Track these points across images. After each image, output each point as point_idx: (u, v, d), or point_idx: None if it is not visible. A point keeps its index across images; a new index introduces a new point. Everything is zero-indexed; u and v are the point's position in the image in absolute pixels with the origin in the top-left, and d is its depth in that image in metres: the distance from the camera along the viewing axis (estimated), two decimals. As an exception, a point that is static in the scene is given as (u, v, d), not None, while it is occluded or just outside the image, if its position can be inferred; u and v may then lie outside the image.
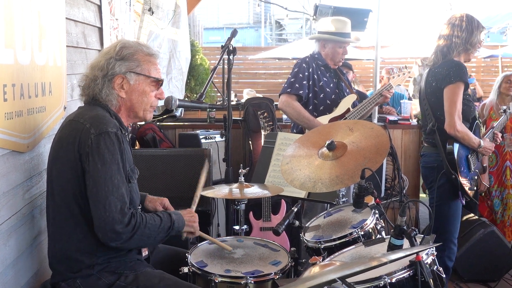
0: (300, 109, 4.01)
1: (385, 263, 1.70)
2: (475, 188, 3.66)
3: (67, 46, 2.90)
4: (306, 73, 4.08)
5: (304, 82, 4.06)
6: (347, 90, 4.27)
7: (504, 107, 4.54)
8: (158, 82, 2.36)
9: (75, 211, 2.16)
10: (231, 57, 3.43)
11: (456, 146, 3.51)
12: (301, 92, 4.03)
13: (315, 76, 4.10)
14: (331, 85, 4.16)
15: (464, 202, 3.60)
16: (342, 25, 4.17)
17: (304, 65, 4.12)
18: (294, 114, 4.02)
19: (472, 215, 4.81)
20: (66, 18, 2.90)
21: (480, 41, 3.58)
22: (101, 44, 3.66)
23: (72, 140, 2.14)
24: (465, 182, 3.53)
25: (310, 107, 4.08)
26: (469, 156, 3.61)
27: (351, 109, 4.05)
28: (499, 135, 4.00)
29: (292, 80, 4.09)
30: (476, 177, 3.67)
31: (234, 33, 3.51)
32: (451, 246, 3.61)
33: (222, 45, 3.44)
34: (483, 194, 5.37)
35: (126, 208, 2.11)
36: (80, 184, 2.14)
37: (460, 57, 3.57)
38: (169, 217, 2.31)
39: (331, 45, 4.16)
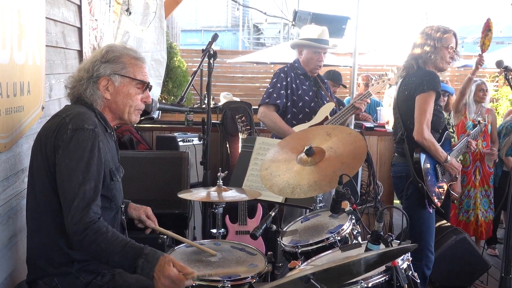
0: (277, 119, 4.07)
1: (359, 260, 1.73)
2: (443, 197, 3.69)
3: (46, 45, 2.88)
4: (284, 83, 4.15)
5: (282, 91, 4.12)
6: (327, 98, 4.31)
7: (479, 119, 4.67)
8: (144, 85, 2.36)
9: (54, 206, 2.14)
10: (211, 61, 3.44)
11: (423, 155, 3.55)
12: (278, 102, 4.10)
13: (294, 85, 4.16)
14: (310, 93, 4.21)
15: (431, 210, 3.61)
16: (319, 32, 4.23)
17: (282, 74, 4.19)
18: (271, 124, 4.10)
19: (444, 222, 4.89)
20: (46, 18, 2.88)
21: (448, 50, 3.57)
22: (80, 44, 3.63)
23: (51, 134, 2.15)
24: (432, 191, 3.56)
25: (289, 116, 4.13)
26: (437, 165, 3.64)
27: (329, 117, 4.08)
28: (473, 143, 4.09)
29: (270, 90, 4.17)
30: (444, 186, 3.70)
31: (215, 37, 3.51)
32: (428, 254, 3.63)
33: (202, 49, 3.45)
34: (455, 201, 5.47)
35: (85, 209, 2.03)
36: (55, 178, 2.14)
37: (432, 66, 3.60)
38: (134, 259, 2.05)
39: (306, 51, 4.23)
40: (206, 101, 3.57)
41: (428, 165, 3.57)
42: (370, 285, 1.96)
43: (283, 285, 1.62)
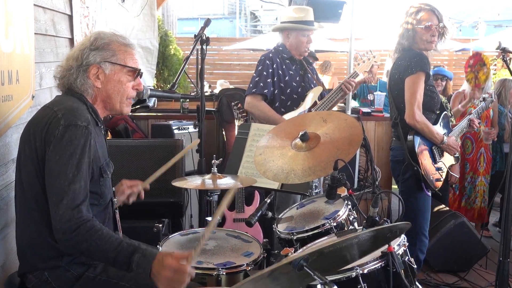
0: (266, 109, 3.95)
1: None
2: (442, 179, 3.62)
3: (35, 33, 2.83)
4: (270, 70, 4.02)
5: (269, 80, 3.99)
6: (314, 81, 4.23)
7: (485, 95, 4.45)
8: (135, 72, 2.29)
9: (41, 199, 2.09)
10: (204, 46, 3.39)
11: (417, 137, 3.49)
12: (265, 91, 3.97)
13: (280, 72, 4.03)
14: (297, 78, 4.09)
15: (429, 194, 3.58)
16: (304, 13, 4.08)
17: (267, 61, 4.05)
18: (260, 115, 3.96)
19: (443, 206, 4.87)
20: (34, 5, 2.82)
21: (428, 28, 3.46)
22: (71, 32, 3.58)
23: (41, 128, 2.08)
24: (429, 174, 3.51)
25: (277, 104, 4.02)
26: (434, 147, 3.59)
27: (318, 102, 4.01)
28: (476, 121, 3.93)
29: (256, 79, 4.03)
30: (443, 168, 3.65)
31: (207, 22, 3.46)
32: (422, 238, 3.61)
33: (195, 35, 3.40)
34: (453, 185, 5.45)
35: (75, 208, 1.97)
36: (43, 172, 2.07)
37: (416, 47, 3.52)
38: (130, 254, 1.97)
39: (295, 34, 4.06)
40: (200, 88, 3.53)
41: (424, 147, 3.52)
42: (366, 271, 1.94)
43: (276, 271, 1.58)
